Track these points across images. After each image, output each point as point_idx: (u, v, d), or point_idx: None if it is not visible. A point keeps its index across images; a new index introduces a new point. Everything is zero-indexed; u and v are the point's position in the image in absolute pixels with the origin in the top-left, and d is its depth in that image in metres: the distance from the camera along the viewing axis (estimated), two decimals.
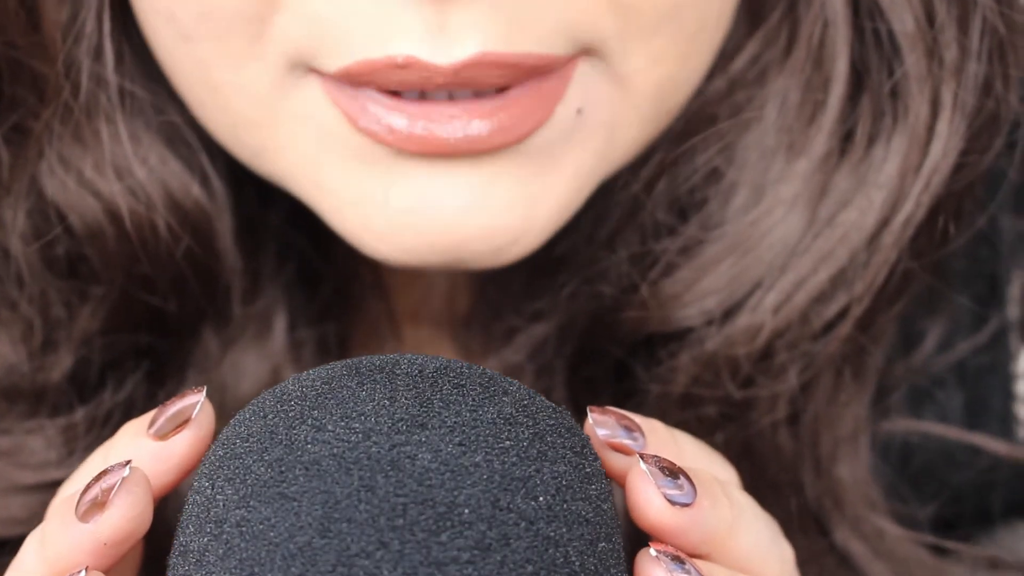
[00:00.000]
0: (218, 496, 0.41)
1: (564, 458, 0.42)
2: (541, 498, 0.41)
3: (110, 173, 0.54)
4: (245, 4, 0.47)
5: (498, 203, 0.49)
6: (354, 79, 0.47)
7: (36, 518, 0.55)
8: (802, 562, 0.54)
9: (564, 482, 0.41)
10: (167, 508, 0.53)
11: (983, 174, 0.55)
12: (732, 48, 0.55)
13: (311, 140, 0.50)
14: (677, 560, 0.43)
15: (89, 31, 0.52)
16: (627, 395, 0.57)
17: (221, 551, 0.40)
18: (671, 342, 0.55)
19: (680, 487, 0.43)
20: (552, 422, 0.43)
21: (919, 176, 0.53)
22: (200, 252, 0.55)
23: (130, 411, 0.57)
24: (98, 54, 0.53)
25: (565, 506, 0.41)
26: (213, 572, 0.40)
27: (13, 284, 0.56)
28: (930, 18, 0.52)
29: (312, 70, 0.49)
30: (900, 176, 0.53)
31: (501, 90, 0.48)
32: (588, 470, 0.42)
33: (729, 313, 0.54)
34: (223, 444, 0.43)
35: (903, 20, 0.53)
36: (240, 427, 0.43)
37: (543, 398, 0.44)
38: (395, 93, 0.48)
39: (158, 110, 0.54)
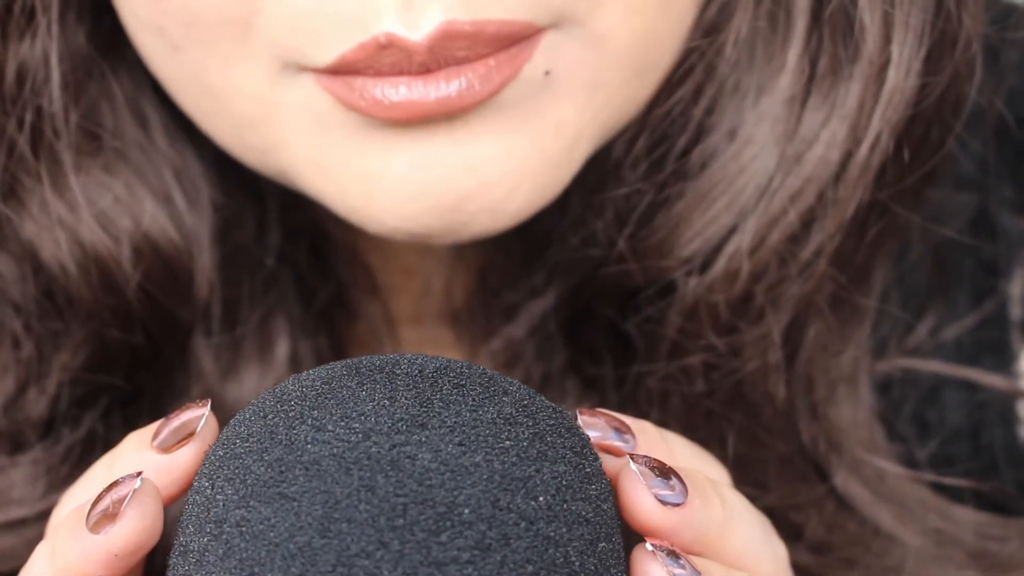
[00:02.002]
0: (218, 496, 0.41)
1: (564, 458, 0.42)
2: (541, 498, 0.41)
3: (74, 206, 0.54)
4: (227, 7, 0.48)
5: (481, 158, 0.49)
6: (352, 67, 0.48)
7: (16, 555, 0.56)
8: (801, 507, 0.54)
9: (564, 482, 0.41)
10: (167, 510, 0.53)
11: (959, 104, 0.54)
12: None
13: (309, 130, 0.50)
14: (673, 555, 0.43)
15: (37, 68, 0.53)
16: (626, 360, 0.57)
17: (221, 551, 0.40)
18: (656, 296, 0.55)
19: (671, 487, 0.43)
20: (552, 422, 0.43)
21: (878, 103, 0.53)
22: (167, 286, 0.55)
23: (94, 447, 0.57)
24: (44, 92, 0.53)
25: (565, 506, 0.41)
26: (213, 572, 0.40)
27: None
28: None
29: (304, 68, 0.49)
30: (859, 106, 0.53)
31: (479, 59, 0.48)
32: (588, 470, 0.42)
33: (708, 262, 0.54)
34: (223, 444, 0.43)
35: None
36: (240, 427, 0.43)
37: (543, 398, 0.44)
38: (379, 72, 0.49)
39: (119, 145, 0.55)
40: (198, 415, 0.45)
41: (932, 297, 0.60)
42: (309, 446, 0.41)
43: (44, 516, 0.56)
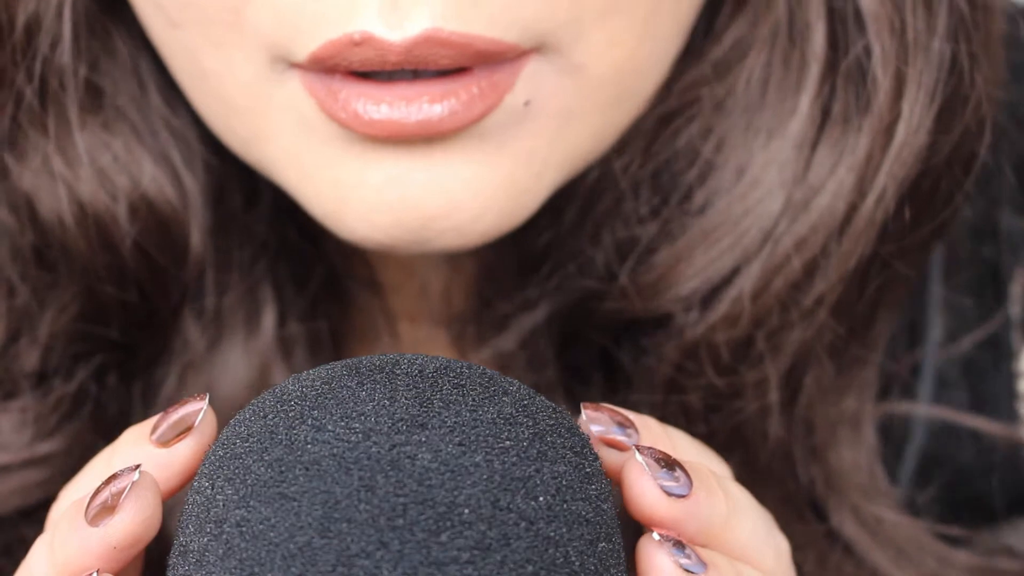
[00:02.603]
0: (218, 496, 0.41)
1: (564, 458, 0.42)
2: (541, 498, 0.41)
3: (74, 161, 0.54)
4: None
5: (452, 183, 0.50)
6: (324, 63, 0.48)
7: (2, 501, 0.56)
8: (799, 548, 0.54)
9: (564, 482, 0.41)
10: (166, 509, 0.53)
11: (969, 162, 0.54)
12: (718, 32, 0.55)
13: (293, 129, 0.51)
14: (679, 545, 0.43)
15: (49, 21, 0.53)
16: (616, 383, 0.57)
17: (221, 551, 0.40)
18: (653, 329, 0.55)
19: (676, 478, 0.43)
20: (552, 422, 0.43)
21: (886, 157, 0.53)
22: (162, 245, 0.55)
23: (85, 400, 0.57)
24: (57, 45, 0.53)
25: (565, 506, 0.41)
26: (213, 572, 0.40)
27: None
28: None
29: (292, 65, 0.49)
30: (867, 158, 0.53)
31: (460, 70, 0.49)
32: (588, 470, 0.42)
33: (708, 300, 0.54)
34: (223, 444, 0.43)
35: (873, 1, 0.52)
36: (240, 427, 0.43)
37: (543, 398, 0.44)
38: (364, 76, 0.49)
39: (130, 98, 0.55)
40: (196, 409, 0.45)
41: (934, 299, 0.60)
42: (309, 446, 0.41)
43: (29, 465, 0.56)
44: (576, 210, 0.56)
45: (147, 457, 0.44)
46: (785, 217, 0.54)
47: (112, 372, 0.58)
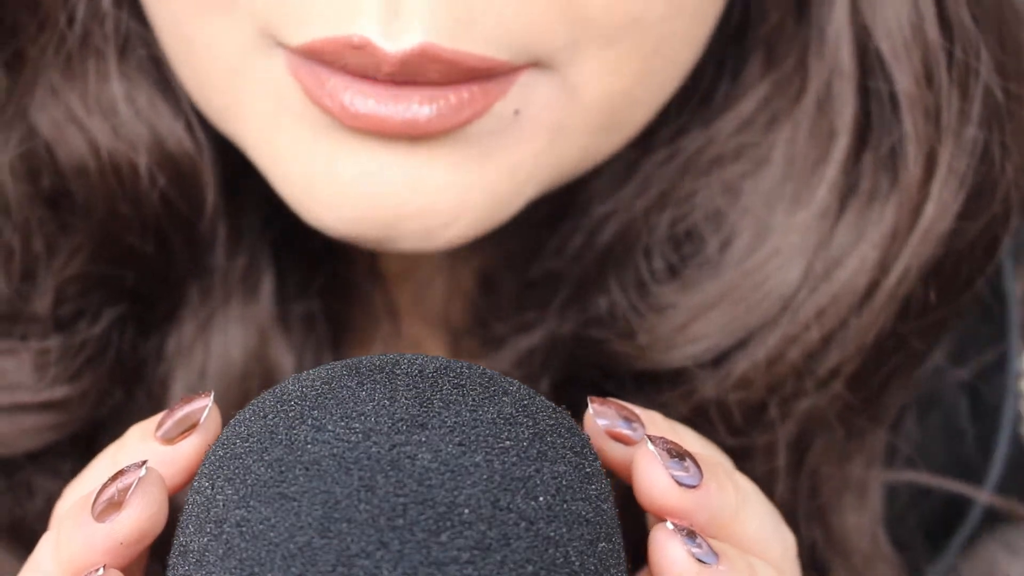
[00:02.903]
0: (218, 496, 0.41)
1: (564, 458, 0.42)
2: (541, 498, 0.41)
3: (97, 110, 0.54)
4: None
5: (431, 185, 0.49)
6: (316, 55, 0.48)
7: (12, 441, 0.56)
8: None
9: (564, 482, 0.41)
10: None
11: (992, 248, 0.55)
12: (743, 88, 0.55)
13: (269, 107, 0.51)
14: (691, 535, 0.43)
15: None
16: None
17: (221, 551, 0.40)
18: (660, 381, 0.55)
19: (686, 468, 0.43)
20: (552, 422, 0.43)
21: (911, 237, 0.53)
22: (181, 197, 0.55)
23: (107, 348, 0.57)
24: None
25: (565, 506, 0.41)
26: (213, 572, 0.40)
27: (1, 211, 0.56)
28: (930, 79, 0.52)
29: (279, 44, 0.49)
30: (892, 236, 0.53)
31: (450, 85, 0.48)
32: (588, 470, 0.42)
33: (720, 360, 0.54)
34: (223, 444, 0.43)
35: (904, 78, 0.52)
36: (240, 427, 0.43)
37: (543, 398, 0.44)
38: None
39: (152, 53, 0.55)
40: (201, 406, 0.45)
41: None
42: (309, 446, 0.41)
43: (44, 408, 0.56)
44: (585, 243, 0.56)
45: (152, 454, 0.44)
46: (805, 286, 0.54)
47: (130, 324, 0.58)
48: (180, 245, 0.56)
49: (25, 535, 0.55)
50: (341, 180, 0.49)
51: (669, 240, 0.56)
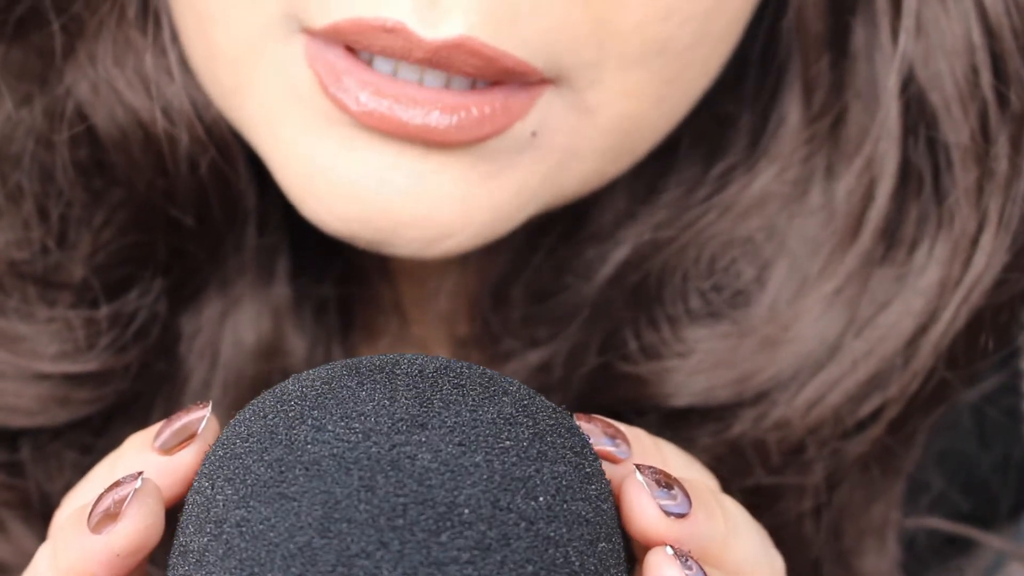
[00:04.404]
0: (218, 496, 0.41)
1: (564, 458, 0.42)
2: (541, 498, 0.41)
3: (139, 82, 0.54)
4: None
5: (436, 195, 0.49)
6: (343, 36, 0.48)
7: (46, 410, 0.56)
8: None
9: (564, 482, 0.41)
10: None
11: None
12: (783, 132, 0.55)
13: (278, 94, 0.50)
14: (686, 560, 0.43)
15: None
16: None
17: (221, 551, 0.40)
18: (691, 417, 0.55)
19: (674, 497, 0.43)
20: (552, 422, 0.43)
21: (960, 287, 0.53)
22: (222, 169, 0.55)
23: (153, 321, 0.57)
24: None
25: (565, 506, 0.41)
26: (213, 572, 0.40)
27: (37, 176, 0.56)
28: (985, 133, 0.52)
29: (302, 29, 0.49)
30: (941, 285, 0.53)
31: (471, 86, 0.48)
32: (588, 470, 0.42)
33: (758, 399, 0.54)
34: (223, 444, 0.43)
35: (958, 132, 0.53)
36: (240, 427, 0.43)
37: (543, 398, 0.44)
38: (366, 62, 0.48)
39: None
40: (199, 416, 0.45)
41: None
42: (309, 446, 0.41)
43: (69, 380, 0.56)
44: (604, 264, 0.56)
45: (150, 464, 0.44)
46: (849, 331, 0.54)
47: (162, 299, 0.57)
48: (220, 220, 0.56)
49: (51, 512, 0.55)
50: (343, 177, 0.49)
51: (707, 279, 0.56)
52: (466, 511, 0.40)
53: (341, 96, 0.48)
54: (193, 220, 0.56)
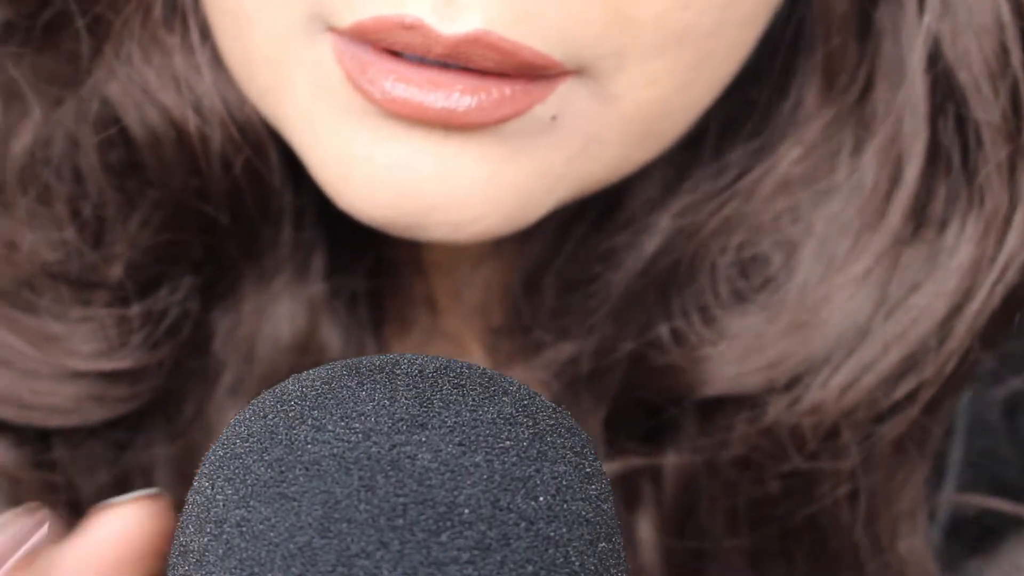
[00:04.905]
0: (218, 496, 0.41)
1: (564, 458, 0.42)
2: (541, 498, 0.40)
3: (171, 81, 0.54)
4: None
5: (461, 177, 0.49)
6: (366, 35, 0.48)
7: (81, 409, 0.56)
8: None
9: (564, 482, 0.41)
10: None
11: None
12: (806, 112, 0.55)
13: (310, 91, 0.51)
14: None
15: None
16: (659, 435, 0.57)
17: (221, 551, 0.40)
18: (725, 405, 0.55)
19: None
20: (552, 422, 0.43)
21: (994, 266, 0.53)
22: (256, 167, 0.55)
23: (185, 317, 0.57)
24: None
25: (565, 506, 0.41)
26: (213, 572, 0.40)
27: (70, 179, 0.56)
28: (1016, 111, 0.52)
29: (329, 28, 0.49)
30: (974, 264, 0.53)
31: (496, 76, 0.48)
32: (588, 470, 0.42)
33: (791, 384, 0.54)
34: (223, 444, 0.43)
35: (989, 110, 0.52)
36: (240, 427, 0.43)
37: (543, 398, 0.44)
38: (397, 55, 0.48)
39: None
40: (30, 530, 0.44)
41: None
42: (309, 446, 0.41)
43: (104, 377, 0.56)
44: (634, 253, 0.56)
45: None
46: (880, 312, 0.53)
47: (195, 296, 0.58)
48: (253, 217, 0.56)
49: (80, 511, 0.55)
50: (376, 166, 0.50)
51: (736, 265, 0.56)
52: (466, 511, 0.40)
53: (367, 86, 0.49)
54: (227, 218, 0.56)
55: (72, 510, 0.57)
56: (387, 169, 0.49)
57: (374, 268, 0.59)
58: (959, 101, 0.53)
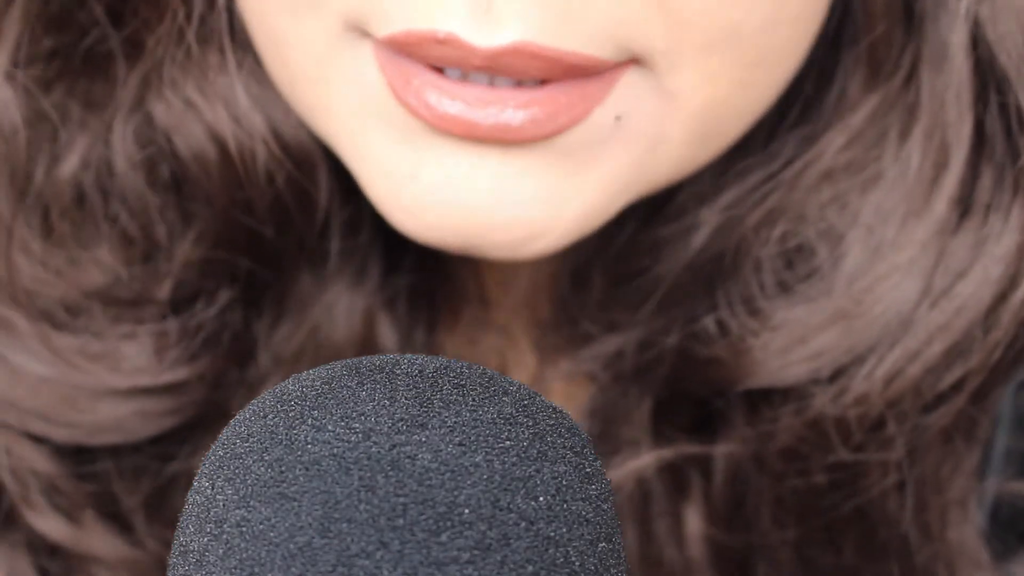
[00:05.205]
0: (218, 496, 0.41)
1: (564, 458, 0.42)
2: (541, 498, 0.40)
3: (216, 99, 0.54)
4: None
5: (523, 196, 0.48)
6: (400, 48, 0.47)
7: (122, 426, 0.56)
8: None
9: (564, 482, 0.41)
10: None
11: None
12: (850, 100, 0.55)
13: (355, 105, 0.50)
14: None
15: None
16: (707, 426, 0.57)
17: (221, 551, 0.40)
18: (771, 397, 0.55)
19: None
20: (552, 422, 0.43)
21: None
22: (299, 183, 0.55)
23: (223, 330, 0.57)
24: None
25: (565, 506, 0.41)
26: (213, 572, 0.40)
27: (117, 200, 0.56)
28: None
29: (366, 35, 0.48)
30: (1019, 251, 0.52)
31: (542, 82, 0.47)
32: (588, 470, 0.42)
33: (837, 375, 0.54)
34: (223, 444, 0.43)
35: None
36: (240, 427, 0.43)
37: (543, 398, 0.44)
38: (439, 70, 0.47)
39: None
40: None
41: None
42: (309, 446, 0.41)
43: (164, 391, 0.56)
44: (681, 245, 0.55)
45: None
46: (926, 301, 0.53)
47: (244, 306, 0.57)
48: (299, 230, 0.56)
49: (120, 521, 0.54)
50: (425, 186, 0.48)
51: (780, 255, 0.55)
52: (466, 511, 0.40)
53: (412, 101, 0.47)
54: (273, 232, 0.55)
55: (112, 520, 0.57)
56: (436, 189, 0.48)
57: (426, 264, 0.59)
58: (1001, 85, 0.52)
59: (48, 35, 0.55)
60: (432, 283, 0.59)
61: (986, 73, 0.52)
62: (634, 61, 0.48)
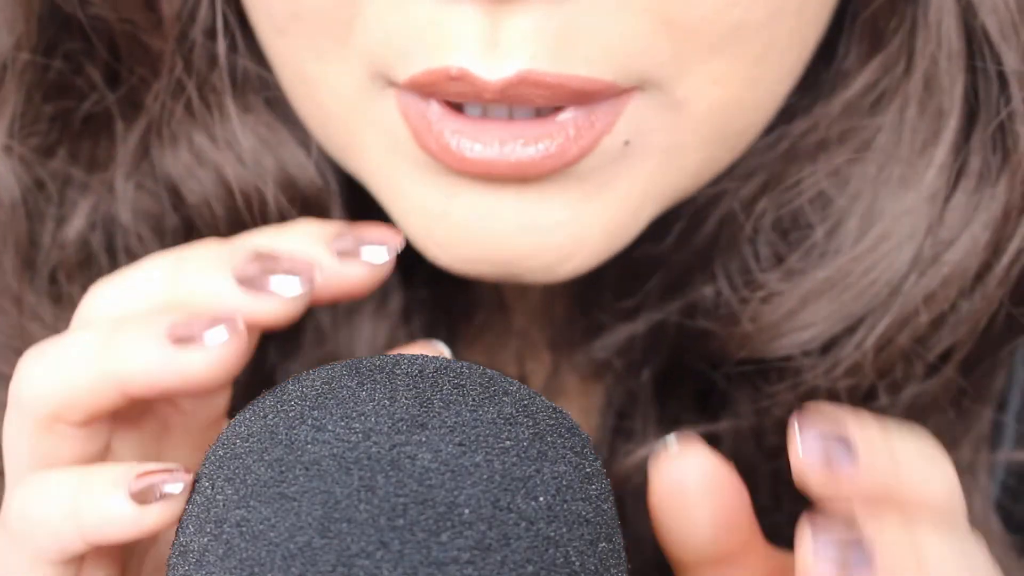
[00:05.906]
0: (218, 496, 0.41)
1: (564, 458, 0.42)
2: (541, 498, 0.41)
3: (224, 144, 0.55)
4: (329, 7, 0.49)
5: (545, 223, 0.49)
6: (421, 88, 0.48)
7: None
8: None
9: (564, 482, 0.41)
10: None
11: None
12: (848, 71, 0.55)
13: (384, 148, 0.51)
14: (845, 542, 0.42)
15: (203, 12, 0.54)
16: (711, 404, 0.57)
17: (221, 551, 0.40)
18: (767, 370, 0.55)
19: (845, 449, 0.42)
20: (552, 422, 0.43)
21: (1022, 219, 0.52)
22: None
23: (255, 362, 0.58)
24: (211, 34, 0.54)
25: (565, 506, 0.41)
26: (213, 572, 0.40)
27: (124, 256, 0.57)
28: None
29: (390, 83, 0.50)
30: (1004, 217, 0.53)
31: (555, 110, 0.48)
32: (588, 470, 0.42)
33: (829, 347, 0.54)
34: (223, 444, 0.43)
35: (1012, 57, 0.52)
36: (240, 427, 0.43)
37: (543, 398, 0.44)
38: (459, 107, 0.49)
39: (271, 89, 0.56)
40: (386, 240, 0.47)
41: None
42: (309, 446, 0.41)
43: None
44: (687, 228, 0.56)
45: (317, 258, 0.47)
46: (915, 270, 0.53)
47: (258, 351, 0.58)
48: None
49: None
50: (455, 222, 0.50)
51: (775, 227, 0.56)
52: (466, 511, 0.40)
53: (433, 146, 0.49)
54: None
55: None
56: (466, 225, 0.50)
57: (442, 275, 0.60)
58: (991, 51, 0.52)
59: (47, 102, 0.56)
60: (449, 293, 0.60)
61: (974, 39, 0.53)
62: (639, 87, 0.49)
